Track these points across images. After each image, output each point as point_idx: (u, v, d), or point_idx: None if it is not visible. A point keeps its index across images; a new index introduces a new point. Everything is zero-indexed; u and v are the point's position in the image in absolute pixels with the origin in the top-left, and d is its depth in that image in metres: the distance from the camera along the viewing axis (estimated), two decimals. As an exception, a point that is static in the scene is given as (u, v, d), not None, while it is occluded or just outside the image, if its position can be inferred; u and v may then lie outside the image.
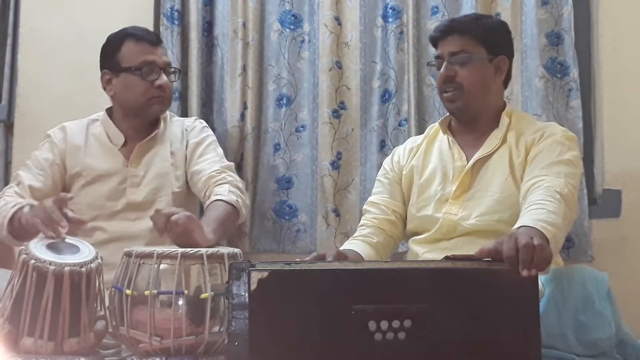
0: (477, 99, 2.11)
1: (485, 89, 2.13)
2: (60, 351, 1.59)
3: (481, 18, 2.22)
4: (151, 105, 2.34)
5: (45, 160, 2.35)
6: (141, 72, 2.31)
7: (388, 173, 2.28)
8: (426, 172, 2.19)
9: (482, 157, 2.10)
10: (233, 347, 1.39)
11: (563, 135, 2.07)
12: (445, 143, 2.20)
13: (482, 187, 2.08)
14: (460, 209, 2.08)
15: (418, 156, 2.24)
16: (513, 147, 2.08)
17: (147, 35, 2.38)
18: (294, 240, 2.81)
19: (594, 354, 1.75)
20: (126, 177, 2.35)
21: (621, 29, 2.70)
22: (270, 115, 2.88)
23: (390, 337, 1.40)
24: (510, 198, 2.02)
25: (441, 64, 2.12)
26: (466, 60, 2.09)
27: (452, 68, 2.10)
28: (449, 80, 2.10)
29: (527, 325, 1.45)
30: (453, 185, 2.11)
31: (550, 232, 1.64)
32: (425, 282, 1.46)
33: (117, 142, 2.39)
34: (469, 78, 2.09)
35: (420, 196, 2.17)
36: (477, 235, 2.03)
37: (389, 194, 2.24)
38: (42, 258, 1.60)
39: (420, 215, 2.15)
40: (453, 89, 2.10)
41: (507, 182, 2.05)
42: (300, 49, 2.89)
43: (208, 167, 2.35)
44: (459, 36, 2.11)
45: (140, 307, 1.60)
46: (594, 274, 1.81)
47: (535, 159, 2.01)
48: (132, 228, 2.31)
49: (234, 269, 1.42)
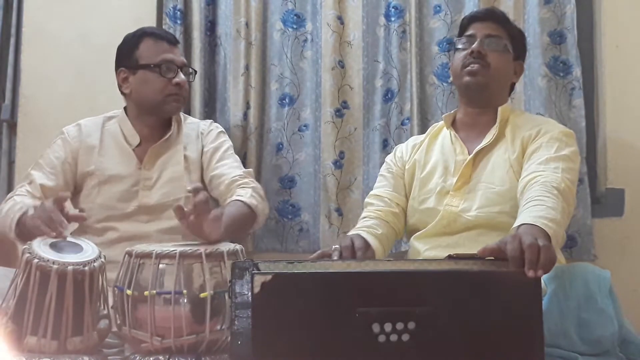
0: (496, 83, 2.16)
1: (505, 80, 2.20)
2: (64, 350, 1.59)
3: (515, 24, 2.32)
4: (168, 103, 2.35)
5: (57, 158, 2.35)
6: (160, 69, 2.32)
7: (391, 167, 2.29)
8: (428, 166, 2.21)
9: (483, 150, 2.13)
10: (236, 346, 1.39)
11: (561, 131, 2.08)
12: (447, 138, 2.22)
13: (483, 180, 2.10)
14: (461, 201, 2.09)
15: (420, 151, 2.26)
16: (509, 142, 2.10)
17: (165, 34, 2.41)
18: (296, 239, 2.82)
19: (597, 352, 1.75)
20: (139, 180, 2.35)
21: (624, 27, 2.70)
22: (273, 114, 2.88)
23: (394, 339, 1.39)
24: (511, 190, 2.03)
25: (472, 41, 2.15)
26: (500, 47, 2.15)
27: (485, 48, 2.14)
28: (479, 55, 2.13)
29: (531, 325, 1.44)
30: (454, 178, 2.13)
31: (551, 228, 1.66)
32: (429, 284, 1.45)
33: (132, 142, 2.39)
34: (498, 62, 2.14)
35: (422, 189, 2.19)
36: (478, 228, 2.04)
37: (392, 187, 2.25)
38: (46, 257, 1.60)
39: (422, 208, 2.16)
40: (480, 64, 2.13)
41: (509, 175, 2.06)
42: (303, 48, 2.89)
43: (229, 171, 2.36)
44: (496, 25, 2.18)
45: (141, 307, 1.60)
46: (596, 271, 1.81)
47: (532, 156, 2.03)
48: (144, 229, 2.31)
49: (237, 268, 1.42)
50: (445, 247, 2.01)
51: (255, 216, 2.27)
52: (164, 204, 2.33)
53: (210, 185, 2.39)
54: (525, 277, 1.43)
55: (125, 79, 2.38)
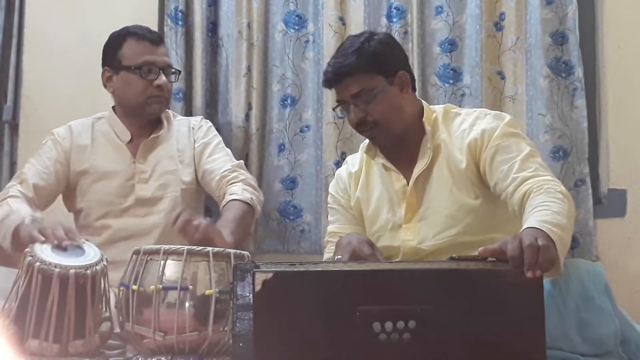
0: (396, 125, 2.03)
1: (399, 112, 2.03)
2: (66, 353, 1.60)
3: (363, 46, 2.01)
4: (149, 105, 2.35)
5: (49, 158, 2.36)
6: (140, 71, 2.32)
7: (339, 200, 2.20)
8: (372, 202, 2.13)
9: (422, 173, 2.03)
10: (237, 347, 1.40)
11: (504, 124, 1.98)
12: (381, 168, 2.12)
13: (431, 205, 2.02)
14: (415, 233, 2.03)
15: (360, 187, 2.16)
16: (450, 155, 2.01)
17: (148, 34, 2.38)
18: (298, 240, 2.82)
19: (599, 352, 1.75)
20: (134, 174, 2.36)
21: (626, 28, 2.70)
22: (274, 115, 2.88)
23: (394, 338, 1.40)
24: (460, 209, 1.98)
25: (347, 107, 2.03)
26: (370, 98, 1.99)
27: (360, 109, 2.00)
28: (362, 122, 2.01)
29: (532, 326, 1.45)
30: (402, 209, 2.05)
31: (555, 233, 1.61)
32: (430, 283, 1.46)
33: (123, 138, 2.40)
34: (380, 112, 1.99)
35: (372, 227, 2.11)
36: (443, 253, 1.93)
37: (347, 220, 2.18)
38: (47, 260, 1.60)
39: (380, 246, 2.05)
40: (370, 128, 2.02)
41: (453, 194, 1.99)
42: (305, 49, 2.89)
43: (219, 166, 2.37)
44: (350, 78, 1.99)
45: (146, 302, 1.61)
46: (590, 267, 1.79)
47: (494, 163, 1.93)
48: (142, 224, 2.32)
49: (239, 270, 1.42)
50: None
51: (253, 209, 2.28)
52: (160, 197, 2.35)
53: (202, 181, 2.41)
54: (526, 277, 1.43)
55: (109, 79, 2.38)
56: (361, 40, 2.04)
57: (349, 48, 2.02)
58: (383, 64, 2.01)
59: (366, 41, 2.03)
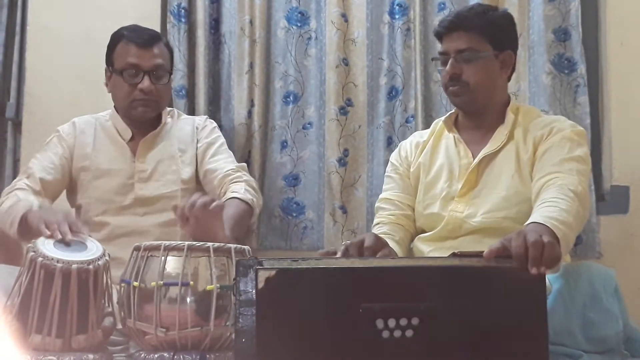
0: (483, 95, 2.09)
1: (491, 85, 2.10)
2: (68, 348, 1.60)
3: (487, 12, 2.15)
4: (134, 108, 2.35)
5: (55, 154, 2.37)
6: (123, 74, 2.32)
7: (397, 168, 2.25)
8: (433, 170, 2.18)
9: (489, 155, 2.08)
10: (240, 343, 1.39)
11: (572, 130, 2.04)
12: (451, 141, 2.18)
13: (489, 185, 2.07)
14: (466, 207, 2.06)
15: (425, 153, 2.22)
16: (520, 144, 2.06)
17: (136, 37, 2.35)
18: (301, 237, 2.82)
19: (601, 350, 1.75)
20: (134, 173, 2.36)
21: (628, 25, 2.69)
22: (277, 112, 2.88)
23: (397, 335, 1.40)
24: (516, 195, 2.01)
25: (446, 59, 2.09)
26: (473, 57, 2.06)
27: (458, 66, 2.06)
28: (455, 77, 2.07)
29: (535, 322, 1.45)
30: (459, 183, 2.09)
31: (561, 230, 1.62)
32: (433, 280, 1.45)
33: (125, 136, 2.41)
34: (475, 76, 2.06)
35: (427, 194, 2.16)
36: (483, 233, 2.01)
37: (401, 189, 2.22)
38: (50, 256, 1.60)
39: (427, 213, 2.13)
40: (459, 85, 2.08)
41: (514, 180, 2.03)
42: (307, 46, 2.89)
43: (223, 166, 2.38)
44: (464, 33, 2.07)
45: (147, 298, 1.61)
46: (602, 270, 1.81)
47: (544, 156, 1.99)
48: (141, 223, 2.32)
49: (241, 266, 1.42)
50: (448, 249, 1.98)
51: (252, 210, 2.29)
52: (160, 196, 2.35)
53: (204, 180, 2.41)
54: (529, 273, 1.43)
55: (109, 78, 2.41)
56: (487, 7, 2.24)
57: (475, 8, 2.17)
58: (498, 35, 2.10)
59: (491, 10, 2.19)
